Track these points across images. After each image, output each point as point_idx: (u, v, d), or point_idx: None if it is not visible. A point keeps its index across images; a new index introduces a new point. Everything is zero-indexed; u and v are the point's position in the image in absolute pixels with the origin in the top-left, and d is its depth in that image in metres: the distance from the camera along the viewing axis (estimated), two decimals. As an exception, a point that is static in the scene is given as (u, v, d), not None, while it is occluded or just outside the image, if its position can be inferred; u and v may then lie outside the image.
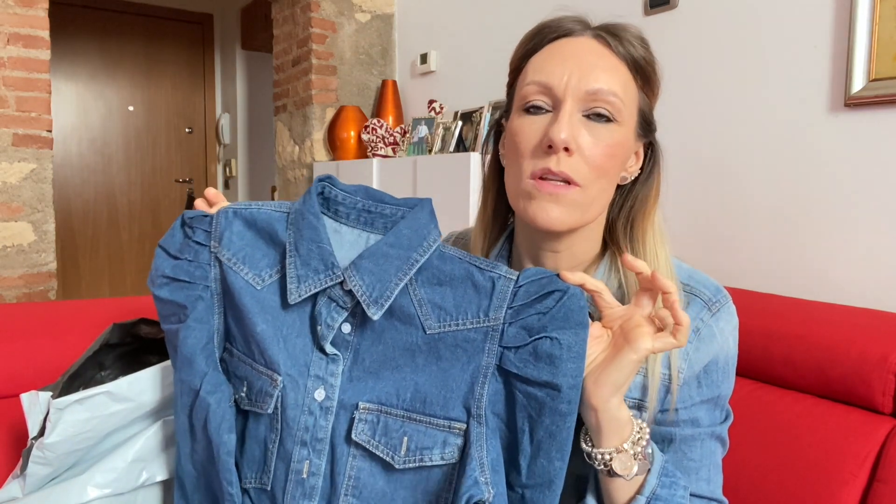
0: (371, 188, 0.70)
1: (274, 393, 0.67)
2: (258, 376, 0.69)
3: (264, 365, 0.69)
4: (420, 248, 0.66)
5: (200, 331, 0.72)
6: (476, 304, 0.65)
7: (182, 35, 4.46)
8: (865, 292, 1.34)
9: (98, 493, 0.76)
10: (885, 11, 1.29)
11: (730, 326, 0.69)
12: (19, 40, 2.18)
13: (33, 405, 0.76)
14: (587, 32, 0.68)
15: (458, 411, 0.65)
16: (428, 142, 2.49)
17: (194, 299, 0.73)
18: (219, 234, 0.72)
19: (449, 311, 0.65)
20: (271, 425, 0.69)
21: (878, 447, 0.91)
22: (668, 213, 0.74)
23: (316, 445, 0.68)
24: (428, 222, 0.67)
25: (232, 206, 0.73)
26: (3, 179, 2.17)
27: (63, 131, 4.01)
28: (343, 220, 0.71)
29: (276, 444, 0.69)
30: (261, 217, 0.72)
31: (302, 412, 0.68)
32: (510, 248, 0.78)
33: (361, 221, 0.70)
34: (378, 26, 2.95)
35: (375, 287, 0.65)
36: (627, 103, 0.67)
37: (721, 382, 0.69)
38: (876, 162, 1.34)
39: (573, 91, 0.65)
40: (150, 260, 4.39)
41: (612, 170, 0.67)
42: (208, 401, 0.69)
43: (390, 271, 0.65)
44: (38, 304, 1.07)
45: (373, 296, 0.65)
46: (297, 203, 0.71)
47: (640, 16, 1.82)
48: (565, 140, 0.63)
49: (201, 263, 0.73)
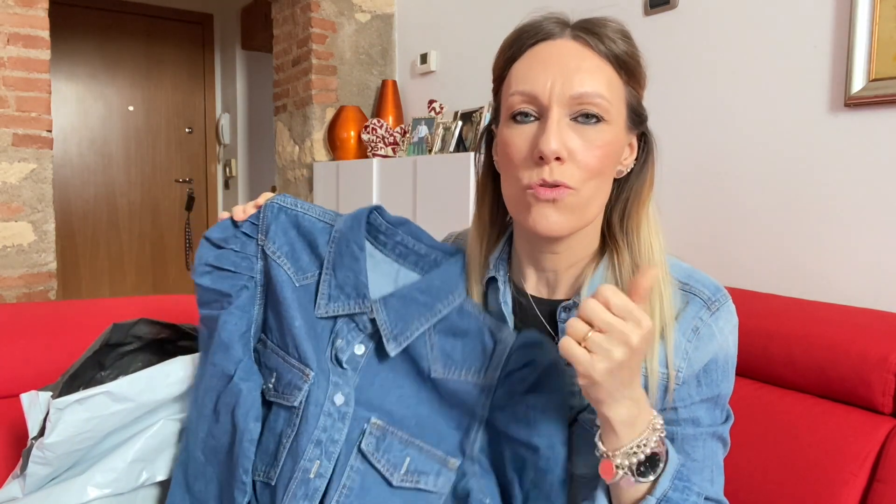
0: (412, 224, 0.75)
1: (304, 387, 0.70)
2: (289, 369, 0.72)
3: (297, 359, 0.71)
4: (446, 300, 0.72)
5: (241, 318, 0.75)
6: (480, 362, 0.71)
7: (182, 35, 4.46)
8: (865, 292, 1.34)
9: (98, 493, 0.76)
10: (885, 11, 1.29)
11: (729, 325, 0.69)
12: (19, 40, 2.18)
13: (33, 405, 0.76)
14: (566, 34, 0.67)
15: (454, 449, 0.71)
16: (428, 142, 2.49)
17: (239, 288, 0.75)
18: (265, 227, 0.75)
19: (456, 361, 0.71)
20: (290, 419, 0.71)
21: (878, 447, 0.91)
22: (667, 213, 0.74)
23: (329, 447, 0.69)
24: (458, 278, 0.73)
25: (278, 200, 0.76)
26: (3, 179, 2.17)
27: (63, 131, 4.01)
28: (380, 248, 0.76)
29: (290, 438, 0.70)
30: (305, 222, 0.75)
31: (322, 412, 0.70)
32: (510, 250, 0.78)
33: (396, 253, 0.76)
34: (378, 26, 2.95)
35: (398, 325, 0.71)
36: (614, 101, 0.66)
37: (721, 382, 0.69)
38: (876, 162, 1.34)
39: (558, 97, 0.64)
40: (150, 260, 4.39)
41: (606, 168, 0.67)
42: (241, 387, 0.71)
43: (415, 315, 0.71)
44: (38, 304, 1.07)
45: (394, 332, 0.71)
46: (342, 222, 0.75)
47: (640, 16, 1.82)
48: (555, 151, 0.63)
49: (248, 255, 0.76)
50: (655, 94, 1.92)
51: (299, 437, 0.70)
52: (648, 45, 1.98)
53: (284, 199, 0.76)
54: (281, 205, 0.75)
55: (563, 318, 0.71)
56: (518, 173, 0.66)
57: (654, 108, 0.74)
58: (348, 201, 2.65)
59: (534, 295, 0.75)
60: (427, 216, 2.21)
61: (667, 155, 0.76)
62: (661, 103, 1.74)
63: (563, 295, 0.74)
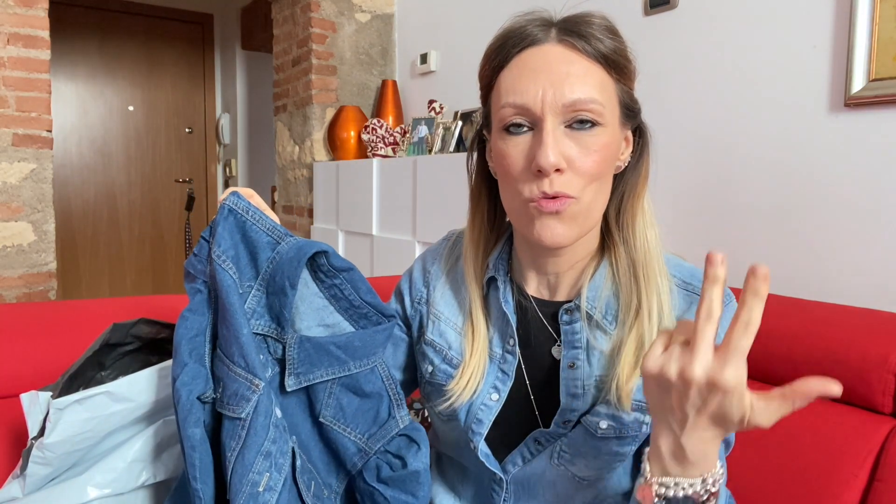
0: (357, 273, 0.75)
1: (252, 398, 0.68)
2: (234, 379, 0.69)
3: (245, 368, 0.69)
4: (359, 363, 0.74)
5: (192, 322, 0.73)
6: (367, 426, 0.75)
7: (182, 35, 4.46)
8: (865, 292, 1.34)
9: (98, 493, 0.76)
10: (885, 11, 1.29)
11: None
12: (19, 40, 2.18)
13: (33, 405, 0.76)
14: (552, 37, 0.65)
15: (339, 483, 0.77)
16: (428, 142, 2.49)
17: (194, 292, 0.74)
18: (214, 230, 0.72)
19: (347, 416, 0.75)
20: (234, 431, 0.69)
21: (878, 447, 0.91)
22: (667, 212, 0.74)
23: (279, 459, 0.69)
24: (379, 347, 0.76)
25: (229, 202, 0.72)
26: (3, 179, 2.17)
27: (63, 131, 4.01)
28: (317, 282, 0.76)
29: (235, 452, 0.68)
30: (252, 232, 0.73)
31: (271, 423, 0.70)
32: (510, 250, 0.77)
33: (331, 293, 0.76)
34: (378, 26, 2.95)
35: (304, 366, 0.73)
36: (608, 102, 0.65)
37: None
38: (876, 162, 1.34)
39: (551, 107, 0.62)
40: (149, 260, 4.40)
41: (605, 171, 0.66)
42: (180, 392, 0.69)
43: (324, 365, 0.73)
44: (38, 304, 1.07)
45: (297, 371, 0.73)
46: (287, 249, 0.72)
47: (641, 16, 1.82)
48: (554, 163, 0.62)
49: (202, 258, 0.74)
50: (655, 94, 1.92)
51: (246, 449, 0.68)
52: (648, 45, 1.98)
53: (237, 202, 0.72)
54: (231, 207, 0.72)
55: (564, 321, 0.71)
56: (518, 186, 0.65)
57: (654, 108, 0.74)
58: (348, 201, 2.65)
59: (535, 296, 0.75)
60: (427, 216, 2.21)
61: (667, 155, 0.76)
62: (660, 103, 1.74)
63: (564, 296, 0.73)
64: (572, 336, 0.70)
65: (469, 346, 0.74)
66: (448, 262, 0.82)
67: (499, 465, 0.74)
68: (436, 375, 0.77)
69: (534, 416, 0.73)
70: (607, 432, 0.68)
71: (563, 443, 0.69)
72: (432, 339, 0.78)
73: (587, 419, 0.68)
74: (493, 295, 0.76)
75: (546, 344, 0.73)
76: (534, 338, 0.74)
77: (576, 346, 0.70)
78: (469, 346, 0.74)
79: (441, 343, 0.77)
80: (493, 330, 0.75)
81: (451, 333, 0.77)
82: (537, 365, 0.74)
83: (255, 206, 0.72)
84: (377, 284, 1.34)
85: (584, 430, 0.68)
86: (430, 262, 0.84)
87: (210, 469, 0.70)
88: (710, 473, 0.53)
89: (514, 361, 0.73)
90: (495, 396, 0.73)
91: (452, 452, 0.80)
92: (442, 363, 0.77)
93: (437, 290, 0.81)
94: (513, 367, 0.73)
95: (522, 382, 0.74)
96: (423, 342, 0.79)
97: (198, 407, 0.70)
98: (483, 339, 0.74)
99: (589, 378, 0.69)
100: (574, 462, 0.70)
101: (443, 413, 0.77)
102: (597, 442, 0.68)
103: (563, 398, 0.69)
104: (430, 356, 0.78)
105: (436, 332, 0.78)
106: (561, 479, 0.72)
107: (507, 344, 0.74)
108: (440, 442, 0.83)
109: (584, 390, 0.69)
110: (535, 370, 0.74)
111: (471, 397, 0.73)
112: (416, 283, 0.84)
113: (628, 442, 0.69)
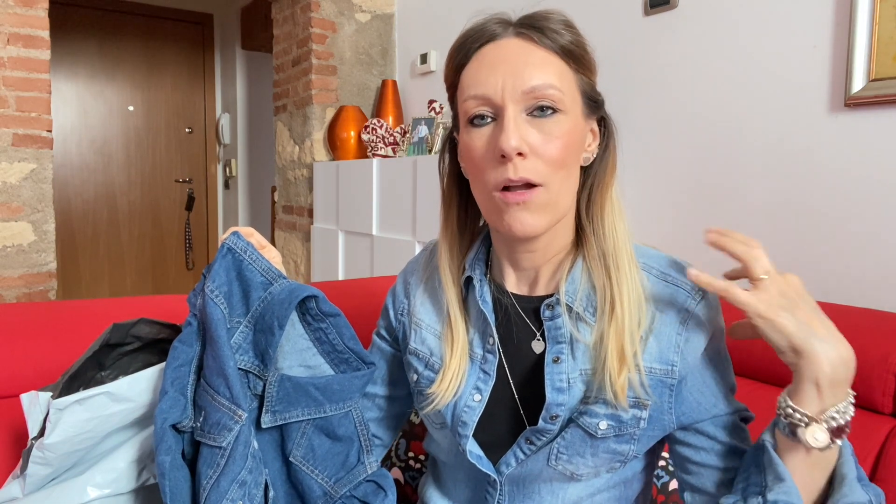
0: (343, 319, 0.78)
1: (234, 427, 0.71)
2: (217, 408, 0.72)
3: (229, 399, 0.71)
4: (335, 406, 0.77)
5: (180, 352, 0.76)
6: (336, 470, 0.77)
7: (182, 35, 4.46)
8: (865, 292, 1.34)
9: (98, 493, 0.76)
10: (885, 11, 1.29)
11: (713, 311, 0.69)
12: (19, 40, 2.18)
13: (33, 405, 0.76)
14: (510, 32, 0.67)
15: None
16: (428, 142, 2.49)
17: (186, 324, 0.77)
18: (211, 265, 0.76)
19: (317, 458, 0.77)
20: (212, 459, 0.71)
21: (878, 447, 0.91)
22: (667, 212, 0.74)
23: (252, 490, 0.71)
24: (357, 392, 0.78)
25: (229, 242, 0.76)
26: (3, 179, 2.17)
27: (63, 131, 4.01)
28: (303, 323, 0.78)
29: (211, 480, 0.70)
30: (247, 272, 0.76)
31: (249, 453, 0.71)
32: (487, 250, 0.78)
33: (315, 336, 0.78)
34: (378, 26, 2.95)
35: (281, 405, 0.75)
36: (567, 90, 0.66)
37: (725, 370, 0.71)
38: (876, 162, 1.34)
39: (511, 94, 0.64)
40: (149, 260, 4.40)
41: (569, 158, 0.67)
42: (156, 420, 0.72)
43: (301, 405, 0.76)
44: (38, 304, 1.07)
45: (274, 408, 0.75)
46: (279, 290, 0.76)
47: (640, 16, 1.82)
48: (515, 147, 0.63)
49: (196, 291, 0.77)
50: (655, 94, 1.92)
51: (223, 476, 0.70)
52: (648, 45, 1.98)
53: (237, 242, 0.76)
54: (231, 247, 0.75)
55: (546, 316, 0.71)
56: (484, 176, 0.67)
57: (653, 108, 0.74)
58: (348, 201, 2.65)
59: (515, 293, 0.75)
60: (427, 216, 2.21)
61: (666, 154, 0.76)
62: (660, 103, 1.74)
63: (543, 291, 0.74)
64: (555, 331, 0.70)
65: (448, 348, 0.75)
66: (426, 271, 0.83)
67: (493, 466, 0.74)
68: (420, 383, 0.78)
69: (519, 414, 0.73)
70: (607, 432, 0.68)
71: (559, 444, 0.69)
72: (415, 347, 0.79)
73: (585, 420, 0.68)
74: (471, 295, 0.76)
75: (527, 340, 0.74)
76: (515, 335, 0.74)
77: (559, 340, 0.70)
78: (448, 349, 0.75)
79: (423, 350, 0.78)
80: (473, 331, 0.76)
81: (432, 340, 0.78)
82: (520, 362, 0.74)
83: (253, 247, 0.76)
84: (377, 284, 1.35)
85: (583, 432, 0.68)
86: (409, 273, 0.86)
87: (181, 497, 0.72)
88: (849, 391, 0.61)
89: (494, 361, 0.74)
90: (477, 397, 0.73)
91: (448, 459, 0.81)
92: (425, 370, 0.77)
93: (417, 299, 0.82)
94: (493, 366, 0.73)
95: (506, 381, 0.74)
96: (408, 352, 0.81)
97: (170, 435, 0.72)
98: (462, 340, 0.75)
99: (574, 371, 0.69)
100: (572, 461, 0.70)
101: (431, 418, 0.78)
102: (595, 442, 0.68)
103: (549, 393, 0.69)
104: (415, 364, 0.79)
105: (418, 341, 0.79)
106: (558, 478, 0.72)
107: (486, 343, 0.74)
108: (437, 449, 0.83)
109: (570, 384, 0.69)
110: (518, 368, 0.74)
111: (453, 398, 0.73)
112: (398, 296, 0.85)
113: (626, 440, 0.69)
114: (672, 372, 0.67)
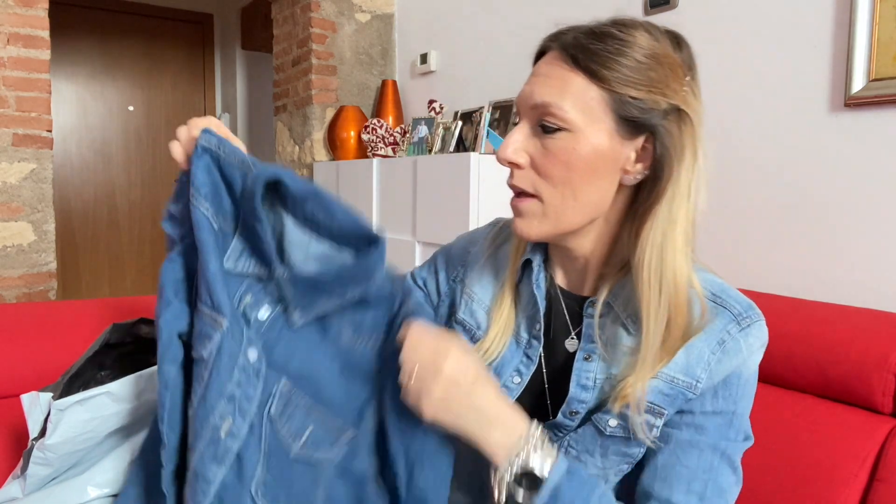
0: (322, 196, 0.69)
1: (214, 336, 0.65)
2: (199, 317, 0.66)
3: (210, 306, 0.65)
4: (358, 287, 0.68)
5: (179, 264, 0.72)
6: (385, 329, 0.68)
7: (182, 35, 4.46)
8: (865, 292, 1.34)
9: (98, 493, 0.76)
10: (885, 11, 1.29)
11: (758, 343, 0.67)
12: (19, 40, 2.18)
13: (34, 406, 0.76)
14: (556, 46, 0.66)
15: (351, 420, 0.68)
16: (428, 142, 2.49)
17: (182, 235, 0.72)
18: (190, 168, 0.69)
19: (366, 328, 0.69)
20: (199, 373, 0.65)
21: (878, 447, 0.91)
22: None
23: (243, 404, 0.65)
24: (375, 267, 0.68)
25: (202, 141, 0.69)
26: (3, 179, 2.17)
27: (63, 131, 4.01)
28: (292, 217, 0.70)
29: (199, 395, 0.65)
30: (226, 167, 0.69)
31: (237, 366, 0.65)
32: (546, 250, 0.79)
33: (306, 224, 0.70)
34: (378, 26, 2.95)
35: (305, 299, 0.68)
36: (583, 110, 0.63)
37: (739, 399, 0.67)
38: (876, 162, 1.34)
39: (523, 107, 0.67)
40: (149, 260, 4.39)
41: (575, 177, 0.65)
42: (162, 330, 0.67)
43: (324, 297, 0.68)
44: (38, 304, 1.07)
45: (301, 305, 0.68)
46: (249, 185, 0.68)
47: (640, 16, 1.82)
48: (507, 157, 0.66)
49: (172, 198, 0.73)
50: (655, 94, 1.90)
51: (209, 391, 0.64)
52: (648, 45, 1.92)
53: (209, 140, 0.69)
54: (204, 146, 0.69)
55: (589, 313, 0.71)
56: None
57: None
58: (348, 201, 2.64)
59: (562, 287, 0.76)
60: (427, 216, 2.21)
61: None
62: (661, 103, 1.74)
63: (588, 292, 0.74)
64: (592, 330, 0.70)
65: (494, 319, 0.76)
66: (491, 247, 0.83)
67: None
68: None
69: (545, 405, 0.74)
70: (616, 431, 0.68)
71: (571, 438, 0.70)
72: (463, 318, 0.80)
73: (598, 416, 0.68)
74: (526, 277, 0.76)
75: (562, 336, 0.74)
76: (553, 329, 0.75)
77: (594, 339, 0.70)
78: (494, 320, 0.76)
79: (471, 322, 0.79)
80: (521, 315, 0.76)
81: (481, 314, 0.79)
82: (553, 356, 0.74)
83: (227, 141, 0.69)
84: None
85: (594, 428, 0.69)
86: (472, 243, 0.86)
87: (178, 415, 0.67)
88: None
89: (538, 347, 0.74)
90: (517, 380, 0.74)
91: None
92: (470, 342, 0.78)
93: (475, 272, 0.82)
94: (537, 352, 0.74)
95: (540, 370, 0.74)
96: (454, 321, 0.81)
97: (176, 344, 0.68)
98: (507, 316, 0.76)
99: (601, 373, 0.69)
100: (580, 458, 0.70)
101: None
102: (605, 440, 0.69)
103: (573, 388, 0.70)
104: (459, 333, 0.79)
105: (467, 312, 0.80)
106: None
107: (533, 329, 0.75)
108: None
109: (595, 384, 0.69)
110: (552, 360, 0.74)
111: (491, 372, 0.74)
112: (454, 260, 0.86)
113: (636, 444, 0.69)
114: (695, 387, 0.66)
